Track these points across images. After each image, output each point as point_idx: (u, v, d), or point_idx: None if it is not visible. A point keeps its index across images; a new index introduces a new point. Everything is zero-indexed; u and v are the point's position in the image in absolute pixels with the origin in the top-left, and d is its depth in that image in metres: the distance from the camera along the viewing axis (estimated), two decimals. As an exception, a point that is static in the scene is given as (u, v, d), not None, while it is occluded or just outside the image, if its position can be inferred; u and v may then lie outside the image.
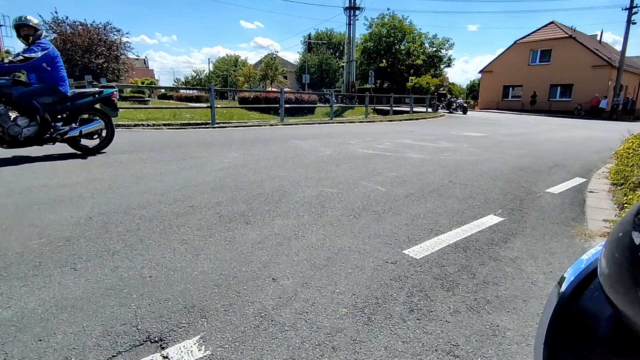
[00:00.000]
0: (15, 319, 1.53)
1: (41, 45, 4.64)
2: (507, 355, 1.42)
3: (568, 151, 7.28)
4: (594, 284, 0.49)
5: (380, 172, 4.62)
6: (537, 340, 0.54)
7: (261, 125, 11.42)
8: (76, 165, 4.48)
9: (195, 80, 70.48)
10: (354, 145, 7.08)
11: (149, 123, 9.79)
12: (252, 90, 27.82)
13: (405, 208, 3.18)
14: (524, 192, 3.85)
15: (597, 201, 3.59)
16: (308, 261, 2.13)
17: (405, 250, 2.32)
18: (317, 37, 57.38)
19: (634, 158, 4.34)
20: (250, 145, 6.76)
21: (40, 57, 4.59)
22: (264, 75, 43.86)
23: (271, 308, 1.66)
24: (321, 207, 3.13)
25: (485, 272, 2.08)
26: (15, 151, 4.94)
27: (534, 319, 1.66)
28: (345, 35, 30.71)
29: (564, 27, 29.61)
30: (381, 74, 39.13)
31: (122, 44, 26.31)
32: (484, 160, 5.80)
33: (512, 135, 10.50)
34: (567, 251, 2.42)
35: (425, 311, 1.69)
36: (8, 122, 4.49)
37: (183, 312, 1.61)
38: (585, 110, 26.10)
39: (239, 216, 2.83)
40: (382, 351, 1.42)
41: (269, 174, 4.33)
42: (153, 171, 4.29)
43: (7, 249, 2.15)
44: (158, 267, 1.99)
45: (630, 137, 5.86)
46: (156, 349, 1.38)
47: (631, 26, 25.05)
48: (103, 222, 2.62)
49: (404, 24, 38.00)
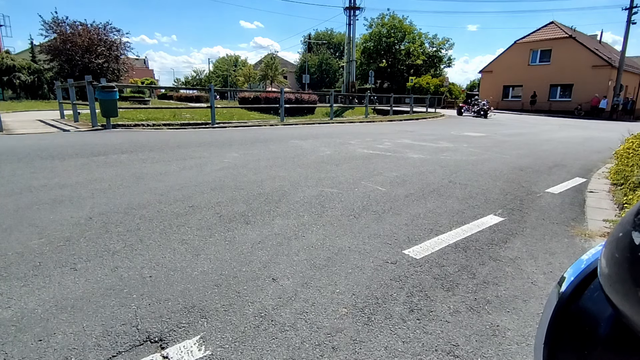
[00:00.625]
0: (15, 319, 1.53)
1: None
2: (507, 355, 1.42)
3: (568, 151, 7.28)
4: (594, 284, 0.49)
5: (380, 172, 4.62)
6: (537, 340, 0.54)
7: (261, 125, 11.42)
8: (76, 165, 4.48)
9: (195, 80, 70.49)
10: (354, 145, 7.08)
11: (149, 123, 9.79)
12: (252, 90, 27.81)
13: (405, 208, 3.18)
14: (524, 192, 3.85)
15: (597, 201, 3.59)
16: (308, 261, 2.13)
17: (405, 250, 2.32)
18: (317, 37, 57.38)
19: (634, 158, 4.34)
20: (250, 145, 6.76)
21: None
22: (264, 75, 43.86)
23: (271, 308, 1.66)
24: (321, 207, 3.13)
25: (485, 272, 2.08)
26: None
27: (534, 319, 1.66)
28: (345, 35, 30.72)
29: (564, 27, 29.62)
30: (381, 74, 39.16)
31: (122, 44, 26.28)
32: (484, 160, 5.80)
33: (512, 135, 10.50)
34: (567, 251, 2.42)
35: (425, 311, 1.69)
36: None
37: (183, 312, 1.61)
38: (585, 110, 26.09)
39: (239, 216, 2.83)
40: (382, 351, 1.42)
41: (269, 174, 4.33)
42: (153, 171, 4.29)
43: (7, 249, 2.15)
44: (158, 267, 1.99)
45: (630, 137, 5.86)
46: (156, 349, 1.38)
47: (631, 26, 25.06)
48: (103, 222, 2.62)
49: (404, 24, 38.04)
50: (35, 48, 27.14)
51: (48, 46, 24.00)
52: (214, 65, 67.19)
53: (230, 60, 65.46)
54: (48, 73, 25.06)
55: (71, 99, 10.58)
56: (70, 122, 10.20)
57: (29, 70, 24.23)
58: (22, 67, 23.98)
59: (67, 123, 9.98)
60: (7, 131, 8.01)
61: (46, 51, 24.17)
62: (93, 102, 8.94)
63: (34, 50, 27.20)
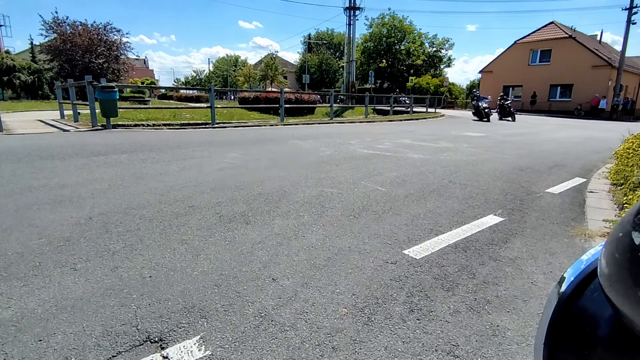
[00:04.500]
0: (15, 319, 1.53)
1: None
2: (507, 355, 1.42)
3: (568, 151, 7.28)
4: (594, 284, 0.49)
5: (380, 172, 4.62)
6: (537, 340, 0.54)
7: (261, 126, 11.42)
8: (76, 165, 4.48)
9: (195, 80, 70.54)
10: (354, 145, 7.08)
11: (149, 123, 9.79)
12: (252, 90, 27.81)
13: (405, 208, 3.18)
14: (524, 192, 3.85)
15: (597, 201, 3.59)
16: (308, 261, 2.13)
17: (405, 250, 2.32)
18: (317, 37, 57.39)
19: (634, 158, 4.34)
20: (250, 145, 6.75)
21: None
22: (263, 76, 43.86)
23: (271, 308, 1.66)
24: (321, 207, 3.13)
25: (485, 272, 2.08)
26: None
27: (534, 319, 1.66)
28: (345, 35, 30.72)
29: (564, 27, 29.62)
30: (381, 74, 39.17)
31: (122, 44, 26.31)
32: (484, 160, 5.80)
33: (512, 135, 10.50)
34: (567, 251, 2.41)
35: (425, 311, 1.69)
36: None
37: (183, 312, 1.61)
38: (585, 110, 26.10)
39: (239, 216, 2.83)
40: (382, 351, 1.42)
41: (269, 174, 4.33)
42: (153, 171, 4.29)
43: (7, 249, 2.15)
44: (158, 267, 1.99)
45: (630, 137, 5.86)
46: (156, 349, 1.38)
47: (631, 26, 25.06)
48: (103, 222, 2.62)
49: (404, 24, 38.05)
50: (35, 48, 27.13)
51: (48, 46, 24.01)
52: (214, 65, 67.25)
53: (230, 60, 65.49)
54: (48, 73, 25.06)
55: (71, 99, 10.58)
56: (70, 122, 10.20)
57: (29, 70, 24.23)
58: (22, 67, 23.97)
59: (67, 123, 9.98)
60: (7, 131, 8.01)
61: (46, 51, 24.18)
62: (93, 102, 8.94)
63: (34, 50, 27.20)
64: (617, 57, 26.46)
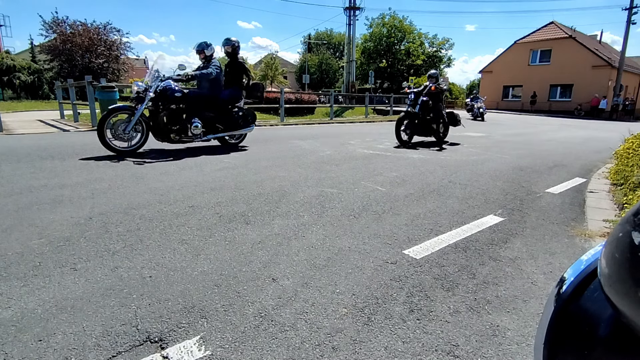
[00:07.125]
0: (15, 319, 1.53)
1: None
2: (507, 356, 1.42)
3: (568, 151, 7.28)
4: (594, 284, 0.49)
5: (380, 172, 4.62)
6: (537, 340, 0.54)
7: (261, 125, 11.41)
8: (76, 166, 4.48)
9: (196, 80, 70.30)
10: (354, 145, 7.08)
11: (149, 123, 9.76)
12: (252, 90, 27.71)
13: (405, 208, 3.18)
14: (524, 192, 3.85)
15: (597, 201, 3.59)
16: (308, 261, 2.13)
17: (405, 250, 2.32)
18: (317, 37, 57.33)
19: (634, 158, 4.34)
20: (250, 145, 6.75)
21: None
22: (263, 76, 43.82)
23: (271, 308, 1.66)
24: (321, 207, 3.13)
25: (485, 272, 2.08)
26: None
27: (534, 319, 1.66)
28: (345, 35, 30.71)
29: (564, 27, 29.62)
30: (381, 74, 39.16)
31: (122, 44, 26.31)
32: (484, 160, 5.80)
33: (512, 135, 10.50)
34: (567, 251, 2.41)
35: (425, 311, 1.69)
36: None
37: (183, 312, 1.61)
38: (585, 110, 26.10)
39: (239, 216, 2.83)
40: (382, 351, 1.42)
41: (269, 174, 4.33)
42: (153, 171, 4.29)
43: (7, 249, 2.15)
44: (158, 267, 1.99)
45: (630, 137, 5.86)
46: (156, 349, 1.38)
47: (631, 26, 25.09)
48: (103, 222, 2.62)
49: (404, 24, 38.03)
50: (35, 48, 27.15)
51: (48, 46, 24.01)
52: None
53: (230, 60, 65.33)
54: (48, 73, 25.07)
55: (71, 99, 10.58)
56: (70, 122, 10.20)
57: (29, 71, 24.24)
58: (22, 67, 23.98)
59: (67, 123, 9.98)
60: (7, 131, 8.01)
61: (46, 51, 24.18)
62: (93, 102, 8.94)
63: (34, 50, 27.21)
64: (617, 57, 26.47)
